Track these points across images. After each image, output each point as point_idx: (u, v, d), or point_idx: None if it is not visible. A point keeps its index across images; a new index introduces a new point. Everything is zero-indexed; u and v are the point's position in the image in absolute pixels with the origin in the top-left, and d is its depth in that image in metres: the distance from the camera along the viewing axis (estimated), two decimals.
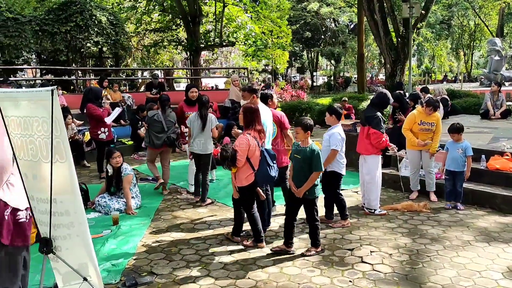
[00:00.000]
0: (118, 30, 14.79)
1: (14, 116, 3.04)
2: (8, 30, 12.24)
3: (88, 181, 7.92)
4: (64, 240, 3.11)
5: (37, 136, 2.97)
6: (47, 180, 2.99)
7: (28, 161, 3.08)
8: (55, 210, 3.03)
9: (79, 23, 13.58)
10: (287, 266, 4.47)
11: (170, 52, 29.07)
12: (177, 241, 5.24)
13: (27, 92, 3.03)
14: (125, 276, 4.30)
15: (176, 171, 8.62)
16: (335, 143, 5.38)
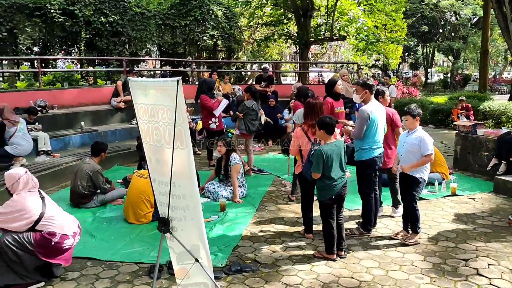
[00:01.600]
0: (232, 24, 15.32)
1: (143, 103, 3.30)
2: (135, 24, 13.33)
3: (198, 168, 8.34)
4: (179, 222, 3.32)
5: (162, 123, 3.19)
6: (168, 165, 3.21)
7: (153, 146, 3.33)
8: (173, 193, 3.24)
9: (197, 17, 14.32)
10: (393, 270, 4.31)
11: (279, 46, 29.43)
12: (281, 232, 5.32)
13: (155, 81, 3.27)
14: (231, 261, 4.47)
15: (281, 164, 8.73)
16: (427, 147, 4.84)
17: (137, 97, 3.34)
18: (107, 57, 12.81)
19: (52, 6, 12.20)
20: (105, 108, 10.69)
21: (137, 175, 5.98)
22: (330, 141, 4.49)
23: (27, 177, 4.07)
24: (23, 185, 4.03)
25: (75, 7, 12.49)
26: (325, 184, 4.47)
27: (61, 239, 4.04)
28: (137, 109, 3.36)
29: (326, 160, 4.38)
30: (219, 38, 15.37)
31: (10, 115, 7.12)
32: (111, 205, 6.40)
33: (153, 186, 3.44)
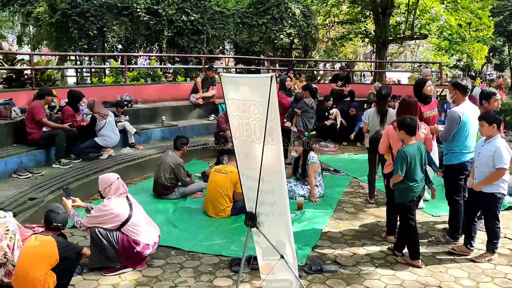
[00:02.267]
0: (309, 22, 15.23)
1: (234, 99, 3.35)
2: (215, 23, 13.68)
3: None
4: (266, 217, 3.33)
5: (253, 119, 3.21)
6: (257, 160, 3.23)
7: (243, 141, 3.37)
8: (262, 188, 3.25)
9: (275, 16, 14.40)
10: (484, 282, 4.05)
11: (354, 45, 28.83)
12: (360, 235, 5.19)
13: (247, 77, 3.31)
14: (311, 260, 4.43)
15: (358, 164, 8.54)
16: (502, 159, 4.27)
17: (228, 92, 3.39)
18: (187, 55, 13.24)
19: (138, 6, 12.83)
20: (184, 103, 11.05)
21: (214, 170, 6.10)
22: (411, 142, 4.34)
23: (118, 183, 4.31)
24: (114, 190, 4.28)
25: (159, 6, 13.04)
26: (407, 186, 4.32)
27: (143, 248, 4.25)
28: (228, 104, 3.41)
29: (409, 162, 4.24)
30: (295, 37, 15.34)
31: (100, 109, 7.55)
32: (191, 197, 6.59)
33: (241, 180, 3.48)
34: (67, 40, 13.02)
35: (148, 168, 7.92)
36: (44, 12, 14.11)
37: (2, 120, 7.27)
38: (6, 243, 3.80)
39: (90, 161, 7.34)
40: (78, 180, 6.37)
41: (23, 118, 7.35)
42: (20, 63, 10.18)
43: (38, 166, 6.88)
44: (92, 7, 12.45)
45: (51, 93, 7.44)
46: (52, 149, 7.17)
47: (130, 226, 4.20)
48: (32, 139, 7.05)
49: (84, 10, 12.36)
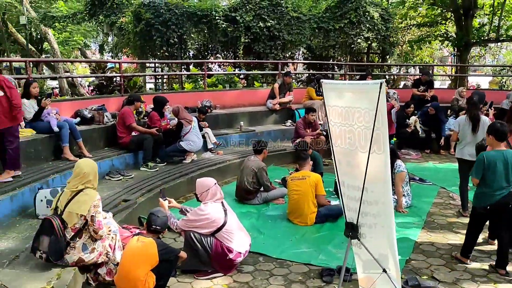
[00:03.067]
0: (388, 26, 14.80)
1: (336, 106, 3.27)
2: (291, 28, 13.67)
3: None
4: (369, 229, 3.21)
5: (357, 127, 3.11)
6: (361, 169, 3.12)
7: (345, 149, 3.27)
8: (365, 199, 3.14)
9: (352, 20, 14.13)
10: None
11: (431, 48, 27.63)
12: (456, 249, 4.88)
13: (353, 84, 3.22)
14: (406, 275, 4.23)
15: (444, 174, 8.13)
16: None
17: (330, 99, 3.32)
18: (263, 61, 13.35)
19: (217, 13, 13.13)
20: (261, 109, 11.12)
21: (291, 180, 5.99)
22: (498, 148, 4.19)
23: (215, 188, 4.39)
24: (211, 195, 4.35)
25: (237, 13, 13.25)
26: (481, 191, 4.24)
27: (235, 256, 4.27)
28: (329, 111, 3.34)
29: (487, 167, 4.12)
30: (373, 41, 14.96)
31: (186, 115, 7.78)
32: (273, 203, 6.58)
33: (341, 189, 3.38)
34: (149, 48, 13.60)
35: (228, 172, 8.04)
36: (129, 22, 14.85)
37: (95, 125, 7.71)
38: (108, 243, 3.97)
39: (174, 165, 7.57)
40: (165, 183, 6.57)
41: (114, 123, 7.74)
42: (110, 71, 10.78)
43: (127, 169, 7.20)
44: (173, 16, 12.92)
45: (140, 99, 7.77)
46: (139, 153, 7.48)
47: (225, 232, 4.25)
48: (122, 143, 7.40)
49: (166, 19, 12.85)
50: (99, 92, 10.18)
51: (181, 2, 13.70)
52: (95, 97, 9.41)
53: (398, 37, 19.16)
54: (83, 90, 18.73)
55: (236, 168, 8.17)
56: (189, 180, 7.04)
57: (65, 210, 3.75)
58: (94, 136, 7.49)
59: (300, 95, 11.52)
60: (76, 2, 23.43)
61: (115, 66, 12.47)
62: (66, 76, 16.02)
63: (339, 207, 5.98)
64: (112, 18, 18.93)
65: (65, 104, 8.04)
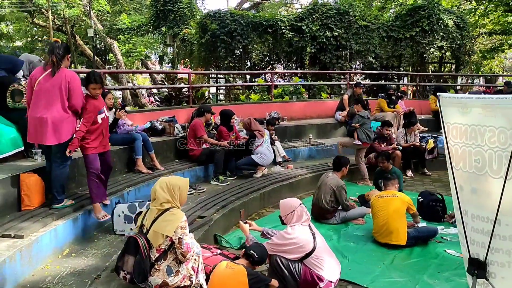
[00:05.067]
0: (464, 34, 13.96)
1: (458, 123, 2.84)
2: (359, 38, 13.20)
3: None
4: (501, 268, 2.74)
5: (488, 148, 2.67)
6: (492, 198, 2.68)
7: (469, 173, 2.83)
8: (497, 233, 2.69)
9: (424, 28, 13.44)
10: None
11: (500, 58, 26.07)
12: None
13: (483, 98, 2.79)
14: None
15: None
16: None
17: (450, 115, 2.89)
18: (330, 71, 12.96)
19: (282, 23, 12.91)
20: (329, 121, 10.73)
21: (379, 197, 5.56)
22: None
23: (301, 209, 4.05)
24: (297, 217, 4.03)
25: (303, 23, 12.97)
26: None
27: (326, 286, 3.92)
28: (448, 129, 2.92)
29: None
30: (447, 50, 14.17)
31: (258, 127, 7.54)
32: (352, 223, 6.16)
33: (463, 219, 2.94)
34: (214, 59, 13.59)
35: (300, 188, 7.70)
36: (193, 33, 14.95)
37: (166, 136, 7.64)
38: (191, 265, 3.73)
39: (245, 179, 7.33)
40: (238, 199, 6.33)
41: (184, 135, 7.63)
42: (179, 82, 10.80)
43: (198, 182, 7.05)
44: (239, 26, 12.84)
45: (210, 111, 7.62)
46: (210, 166, 7.31)
47: (314, 259, 3.90)
48: (193, 155, 7.27)
49: (231, 29, 12.79)
50: (168, 103, 10.20)
51: (246, 13, 13.61)
52: (165, 108, 9.41)
53: (473, 46, 18.16)
54: (145, 100, 19.12)
55: (308, 183, 7.83)
56: (261, 196, 6.79)
57: (150, 229, 3.55)
58: (164, 148, 7.41)
59: (371, 107, 11.01)
60: (139, 15, 24.19)
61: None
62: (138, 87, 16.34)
63: (429, 229, 5.51)
64: (175, 29, 19.27)
65: (135, 116, 8.03)
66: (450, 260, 4.92)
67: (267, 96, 11.68)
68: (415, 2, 15.99)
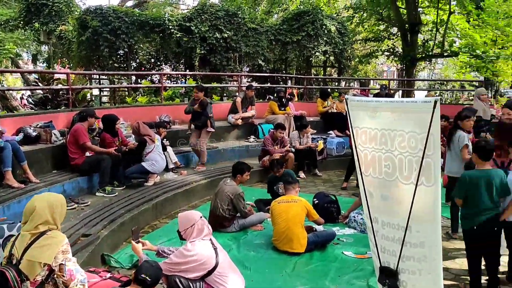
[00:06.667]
0: (345, 40, 14.73)
1: (367, 127, 2.74)
2: (248, 40, 13.19)
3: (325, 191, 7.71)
4: (412, 275, 2.68)
5: (399, 153, 2.60)
6: (403, 204, 2.61)
7: (379, 180, 2.74)
8: (407, 240, 2.63)
9: (310, 33, 13.90)
10: None
11: (375, 63, 28.36)
12: (459, 279, 4.51)
13: (392, 102, 2.71)
14: None
15: None
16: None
17: (359, 119, 2.79)
18: (221, 73, 12.76)
19: (170, 23, 12.40)
20: (221, 124, 10.47)
21: (279, 202, 5.40)
22: (483, 168, 3.96)
23: (202, 223, 3.70)
24: (197, 232, 3.67)
25: (192, 23, 12.60)
26: (466, 213, 4.03)
27: None
28: (357, 133, 2.81)
29: (468, 187, 3.89)
30: (331, 54, 14.82)
31: (148, 131, 7.00)
32: (251, 230, 5.96)
33: (374, 227, 2.85)
34: (96, 58, 12.58)
35: (195, 195, 7.34)
36: (73, 30, 13.72)
37: (42, 144, 6.74)
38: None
39: (135, 188, 6.75)
40: (128, 211, 5.76)
41: (63, 142, 6.81)
42: (56, 83, 9.71)
43: (81, 195, 6.31)
44: (123, 24, 12.04)
45: (94, 115, 6.88)
46: (95, 176, 6.61)
47: (217, 276, 3.57)
48: (74, 165, 6.49)
49: (115, 27, 11.93)
50: (43, 107, 9.10)
51: (131, 10, 12.84)
52: (40, 112, 8.33)
53: (354, 51, 19.37)
54: (16, 102, 17.14)
55: (203, 190, 7.49)
56: (154, 206, 6.30)
57: (23, 259, 2.92)
58: (40, 157, 6.50)
59: (261, 110, 11.03)
60: (8, 9, 21.72)
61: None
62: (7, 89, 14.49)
63: (327, 232, 5.50)
64: (50, 26, 17.65)
65: (5, 121, 6.95)
66: (348, 262, 4.94)
67: (156, 98, 11.08)
68: (298, 8, 16.57)
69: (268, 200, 6.64)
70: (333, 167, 9.90)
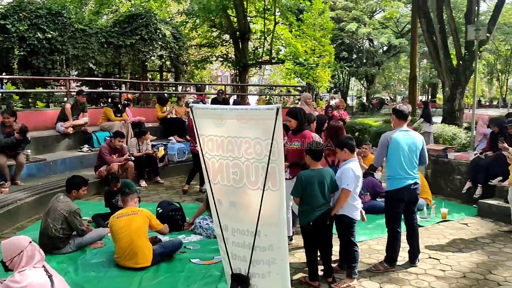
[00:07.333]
0: (180, 44, 14.69)
1: (214, 135, 2.73)
2: (76, 42, 12.18)
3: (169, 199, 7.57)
4: (262, 279, 2.75)
5: (245, 159, 2.63)
6: (251, 210, 2.65)
7: (227, 187, 2.75)
8: (257, 244, 2.67)
9: (144, 36, 13.50)
10: None
11: (210, 69, 29.09)
12: (300, 271, 4.84)
13: (237, 109, 2.71)
14: None
15: None
16: (346, 181, 4.36)
17: (204, 127, 2.75)
18: (43, 77, 11.53)
19: None
20: (50, 133, 9.48)
21: (118, 217, 5.05)
22: (316, 167, 4.37)
23: (32, 249, 3.19)
24: (27, 259, 3.16)
25: (7, 21, 11.13)
26: (303, 209, 4.36)
27: None
28: (203, 141, 2.77)
29: (304, 186, 4.24)
30: (167, 59, 14.62)
31: None
32: (90, 248, 5.48)
33: (224, 235, 2.83)
34: None
35: (20, 215, 6.51)
36: None
37: None
38: None
39: None
40: None
41: None
42: None
43: None
44: None
45: None
46: None
47: None
48: None
49: None
50: None
51: None
52: None
53: (190, 56, 19.46)
54: None
55: (31, 209, 6.70)
56: None
57: None
58: None
59: (95, 116, 10.33)
60: None
61: None
62: None
63: (174, 242, 5.37)
64: None
65: None
66: (196, 270, 4.88)
67: None
68: (129, 10, 16.00)
69: (107, 214, 6.24)
70: (175, 173, 9.80)
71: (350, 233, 4.52)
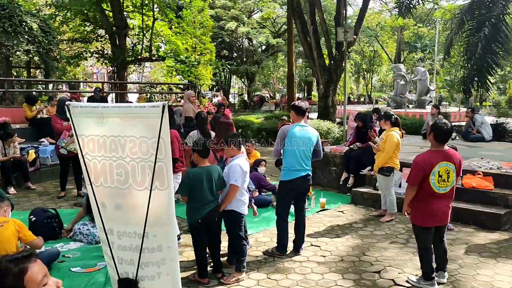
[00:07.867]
0: (50, 39, 13.52)
1: (95, 135, 2.58)
2: None
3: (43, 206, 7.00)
4: (151, 281, 2.67)
5: (130, 159, 2.53)
6: (137, 211, 2.56)
7: (111, 188, 2.62)
8: (145, 246, 2.59)
9: (7, 29, 12.17)
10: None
11: (84, 66, 27.41)
12: (191, 269, 4.82)
13: (120, 107, 2.58)
14: None
15: None
16: (234, 177, 4.42)
17: (84, 127, 2.58)
18: None
19: None
20: None
21: None
22: (203, 165, 4.44)
23: None
24: None
25: None
26: (192, 207, 4.41)
27: None
28: (83, 142, 2.60)
29: (193, 184, 4.30)
30: (35, 54, 13.36)
31: None
32: None
33: (109, 239, 2.68)
34: None
35: None
36: None
37: None
38: None
39: None
40: None
41: None
42: None
43: None
44: None
45: None
46: None
47: None
48: None
49: None
50: None
51: None
52: None
53: (61, 51, 18.04)
54: None
55: None
56: None
57: None
58: None
59: None
60: None
61: None
62: None
63: (50, 252, 4.95)
64: None
65: None
66: (78, 279, 4.57)
67: None
68: None
69: None
70: (48, 177, 9.06)
71: (238, 228, 4.60)
